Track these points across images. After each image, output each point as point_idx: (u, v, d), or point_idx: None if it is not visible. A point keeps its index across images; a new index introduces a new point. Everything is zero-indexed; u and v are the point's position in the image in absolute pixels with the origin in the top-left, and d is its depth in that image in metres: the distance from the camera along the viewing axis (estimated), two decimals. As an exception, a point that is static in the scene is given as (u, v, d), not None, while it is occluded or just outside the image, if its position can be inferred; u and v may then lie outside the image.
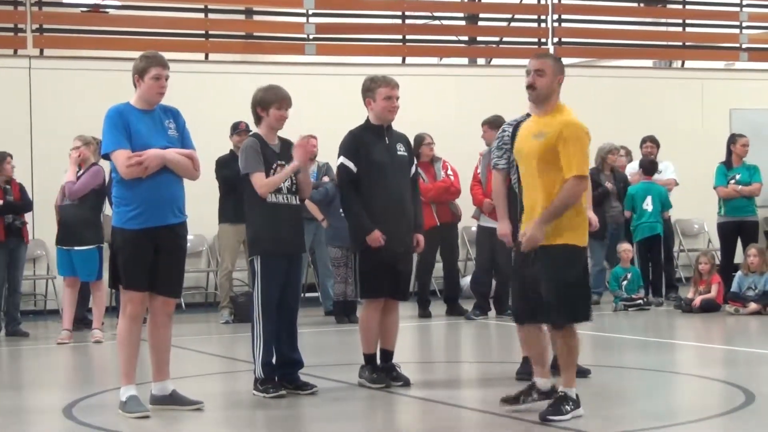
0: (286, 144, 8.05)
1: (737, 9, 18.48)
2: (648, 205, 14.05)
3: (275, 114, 7.96)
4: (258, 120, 8.08)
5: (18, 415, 7.79)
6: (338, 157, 8.33)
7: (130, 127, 7.19)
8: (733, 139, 14.10)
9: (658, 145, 14.87)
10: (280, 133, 8.14)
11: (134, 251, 7.21)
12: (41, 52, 15.11)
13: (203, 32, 16.09)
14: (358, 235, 8.21)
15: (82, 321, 12.53)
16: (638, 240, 14.13)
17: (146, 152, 7.14)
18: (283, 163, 7.95)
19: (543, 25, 17.31)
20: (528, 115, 7.28)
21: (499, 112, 11.90)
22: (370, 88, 8.31)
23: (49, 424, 7.48)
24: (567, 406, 6.75)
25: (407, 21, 17.32)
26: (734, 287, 13.06)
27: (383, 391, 8.08)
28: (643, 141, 14.96)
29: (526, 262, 6.87)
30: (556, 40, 17.41)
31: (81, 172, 11.80)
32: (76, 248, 11.73)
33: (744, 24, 18.51)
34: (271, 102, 7.98)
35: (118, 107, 7.29)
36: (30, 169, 13.92)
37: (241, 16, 17.28)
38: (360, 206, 8.17)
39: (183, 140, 7.39)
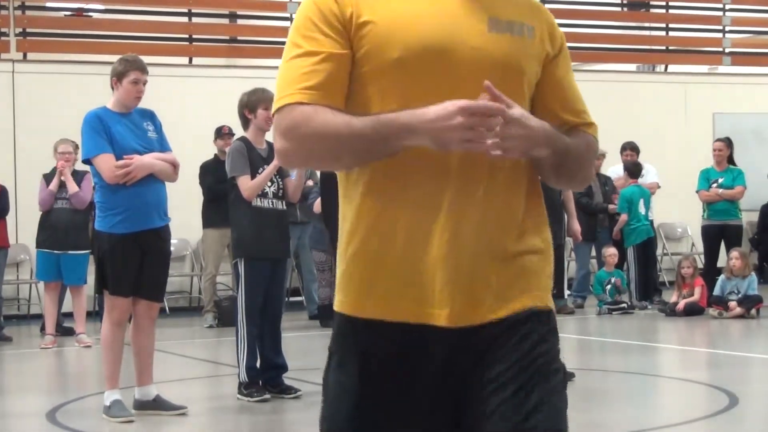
0: (273, 148, 8.04)
1: (720, 13, 18.53)
2: (642, 208, 14.01)
3: (263, 114, 7.95)
4: (246, 124, 8.08)
5: (1, 420, 7.77)
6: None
7: (110, 130, 7.20)
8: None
9: (637, 152, 14.83)
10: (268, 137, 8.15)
11: (122, 256, 7.21)
12: (25, 56, 15.06)
13: (187, 36, 16.06)
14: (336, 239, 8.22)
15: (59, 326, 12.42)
16: (636, 243, 14.01)
17: (134, 161, 7.15)
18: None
19: (527, 29, 17.31)
20: None
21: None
22: None
23: (32, 428, 7.46)
24: None
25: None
26: (717, 291, 13.08)
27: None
28: (623, 148, 14.90)
29: None
30: (539, 44, 17.41)
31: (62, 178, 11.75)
32: (69, 252, 11.67)
33: (727, 28, 18.56)
34: (258, 103, 7.97)
35: (96, 112, 7.29)
36: (13, 173, 13.87)
37: (225, 20, 17.25)
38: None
39: (161, 142, 7.43)
